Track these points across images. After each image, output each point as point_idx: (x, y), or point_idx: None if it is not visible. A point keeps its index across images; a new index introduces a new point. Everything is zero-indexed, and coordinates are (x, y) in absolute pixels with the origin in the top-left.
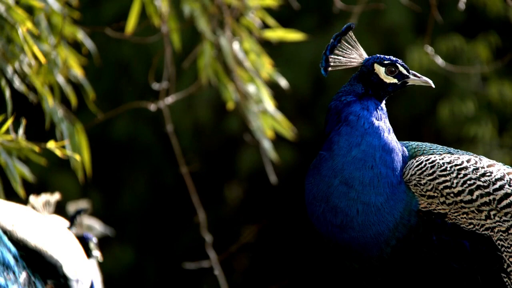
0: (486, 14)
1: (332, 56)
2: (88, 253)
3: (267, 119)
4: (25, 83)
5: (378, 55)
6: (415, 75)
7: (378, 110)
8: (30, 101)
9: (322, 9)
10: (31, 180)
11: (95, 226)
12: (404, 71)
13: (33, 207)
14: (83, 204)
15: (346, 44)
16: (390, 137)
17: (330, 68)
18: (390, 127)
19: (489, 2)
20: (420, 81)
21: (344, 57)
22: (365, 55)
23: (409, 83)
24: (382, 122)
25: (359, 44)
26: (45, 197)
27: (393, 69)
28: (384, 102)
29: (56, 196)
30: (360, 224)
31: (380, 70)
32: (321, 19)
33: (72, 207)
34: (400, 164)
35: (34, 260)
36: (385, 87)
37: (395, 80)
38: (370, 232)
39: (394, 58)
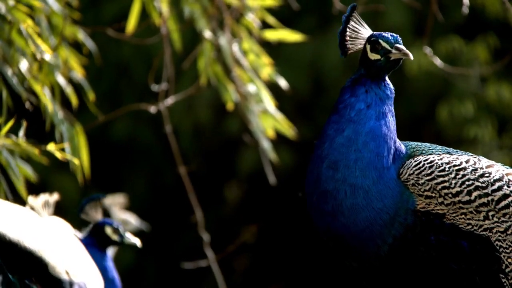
0: (485, 15)
1: (347, 38)
2: (106, 241)
3: (268, 119)
4: (24, 86)
5: (374, 33)
6: (397, 49)
7: (368, 93)
8: (27, 108)
9: (321, 10)
10: (34, 180)
11: (130, 220)
12: (387, 46)
13: (32, 208)
14: (120, 198)
15: (356, 26)
16: (378, 124)
17: (350, 51)
18: (384, 110)
19: (488, 4)
20: (400, 54)
21: (358, 38)
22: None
23: (392, 58)
24: (372, 108)
25: (366, 25)
26: (44, 197)
27: (377, 45)
28: (384, 80)
29: (55, 197)
30: (349, 208)
31: (367, 48)
32: (320, 20)
33: (108, 200)
34: (389, 151)
35: (9, 254)
36: (372, 64)
37: (378, 56)
38: (360, 218)
39: (384, 34)
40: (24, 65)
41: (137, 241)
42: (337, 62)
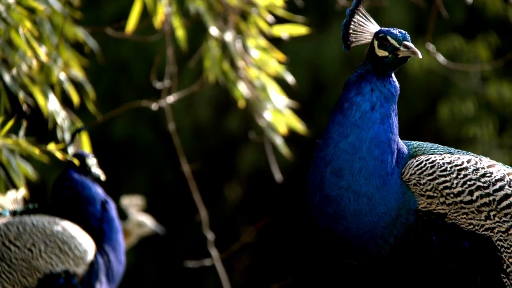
0: (485, 14)
1: (350, 31)
2: (87, 170)
3: (279, 116)
4: (23, 87)
5: (382, 28)
6: (405, 46)
7: (374, 92)
8: (24, 110)
9: (320, 8)
10: (34, 179)
11: (146, 223)
12: (395, 43)
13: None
14: (137, 199)
15: (361, 19)
16: (382, 128)
17: (353, 45)
18: (389, 111)
19: (488, 2)
20: (409, 52)
21: (363, 32)
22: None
23: (400, 55)
24: (376, 110)
25: (372, 19)
26: (12, 194)
27: (385, 42)
28: (390, 77)
29: (22, 192)
30: (352, 214)
31: (375, 44)
32: (318, 18)
33: (126, 201)
34: (392, 156)
35: None
36: (379, 60)
37: (386, 53)
38: (363, 222)
39: (392, 31)
40: (24, 65)
41: (101, 174)
42: (336, 60)
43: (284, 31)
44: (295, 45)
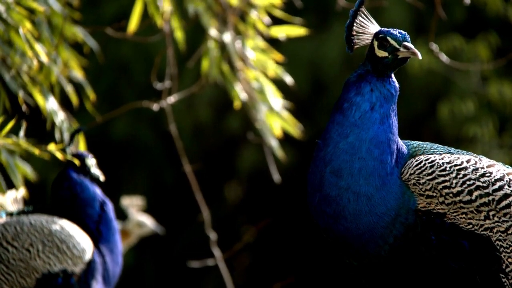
0: (485, 14)
1: (353, 33)
2: (86, 170)
3: (274, 118)
4: (23, 87)
5: (382, 29)
6: (405, 47)
7: (373, 92)
8: (24, 110)
9: (320, 9)
10: (33, 179)
11: (146, 223)
12: (395, 44)
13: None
14: (137, 200)
15: (363, 20)
16: (382, 128)
17: (356, 46)
18: (388, 111)
19: (489, 2)
20: (408, 53)
21: (365, 33)
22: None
23: (400, 56)
24: (376, 110)
25: (373, 20)
26: (12, 193)
27: (385, 42)
28: (389, 77)
29: (22, 192)
30: (352, 214)
31: (375, 44)
32: (318, 18)
33: (126, 201)
34: (392, 156)
35: None
36: (379, 61)
37: (386, 54)
38: (362, 222)
39: (392, 31)
40: (23, 66)
41: (100, 175)
42: (336, 60)
43: (282, 32)
44: (295, 46)
